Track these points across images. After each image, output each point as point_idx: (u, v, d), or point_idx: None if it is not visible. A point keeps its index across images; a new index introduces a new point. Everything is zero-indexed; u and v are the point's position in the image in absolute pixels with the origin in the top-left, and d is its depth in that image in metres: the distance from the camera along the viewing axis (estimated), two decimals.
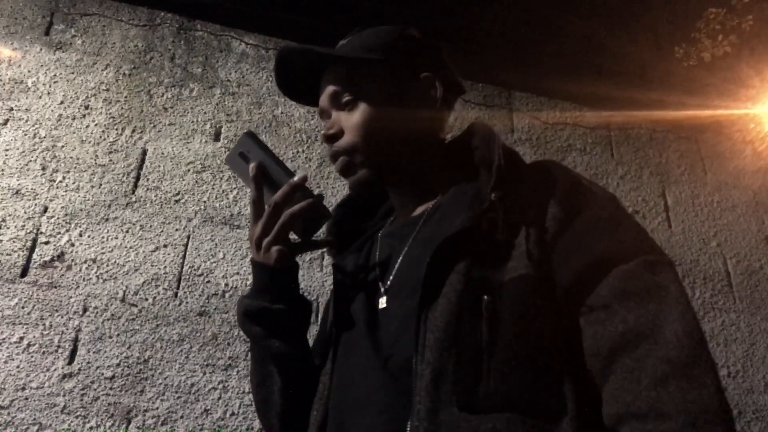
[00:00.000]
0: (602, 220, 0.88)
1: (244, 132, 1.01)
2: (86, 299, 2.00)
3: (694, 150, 3.00)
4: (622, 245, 0.85)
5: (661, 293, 0.80)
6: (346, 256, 1.12)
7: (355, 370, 0.93)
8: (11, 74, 2.28)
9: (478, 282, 0.84)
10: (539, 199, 0.90)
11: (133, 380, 1.92)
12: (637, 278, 0.81)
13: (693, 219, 2.77)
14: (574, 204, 0.89)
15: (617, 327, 0.78)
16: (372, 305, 0.97)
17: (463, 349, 0.79)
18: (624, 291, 0.80)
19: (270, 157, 0.98)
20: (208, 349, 2.02)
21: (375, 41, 1.04)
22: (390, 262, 1.01)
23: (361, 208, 1.21)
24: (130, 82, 2.41)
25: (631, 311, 0.79)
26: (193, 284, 2.11)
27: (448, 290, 0.83)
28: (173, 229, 2.18)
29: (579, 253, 0.85)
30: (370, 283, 1.02)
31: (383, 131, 1.01)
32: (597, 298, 0.81)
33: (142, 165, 2.27)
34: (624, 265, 0.82)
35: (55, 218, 2.09)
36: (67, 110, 2.29)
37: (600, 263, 0.83)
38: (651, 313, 0.78)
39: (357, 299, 1.01)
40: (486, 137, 1.02)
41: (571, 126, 2.88)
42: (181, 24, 2.58)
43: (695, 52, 2.96)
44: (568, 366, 0.80)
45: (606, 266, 0.83)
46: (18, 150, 2.17)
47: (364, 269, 1.06)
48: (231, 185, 2.31)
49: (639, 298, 0.79)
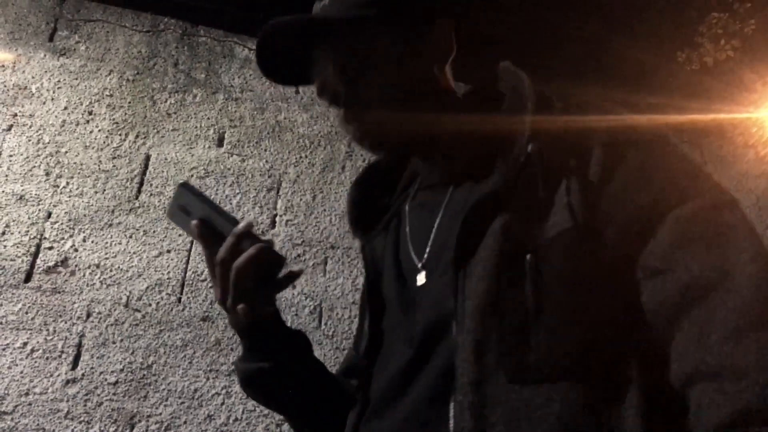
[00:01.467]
0: (652, 160, 0.78)
1: (179, 184, 0.93)
2: (90, 305, 2.00)
3: (697, 154, 2.99)
4: (677, 186, 0.76)
5: (728, 235, 0.71)
6: (373, 238, 1.03)
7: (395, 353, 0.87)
8: (15, 80, 2.29)
9: (517, 242, 0.76)
10: (580, 143, 0.81)
11: (136, 386, 1.92)
12: (699, 221, 0.72)
13: None
14: (618, 146, 0.80)
15: (681, 278, 0.69)
16: (409, 284, 0.91)
17: (507, 315, 0.72)
18: (684, 236, 0.71)
19: (210, 207, 0.91)
20: (211, 355, 2.02)
21: None
22: (423, 236, 0.92)
23: (379, 182, 1.10)
24: (133, 88, 2.41)
25: (695, 258, 0.70)
26: (196, 289, 2.11)
27: (486, 253, 0.76)
28: (176, 235, 2.18)
29: (629, 199, 0.75)
30: (405, 260, 0.94)
31: (407, 94, 0.90)
32: (654, 247, 0.72)
33: (145, 170, 2.27)
34: (681, 207, 0.73)
35: (59, 224, 2.10)
36: (70, 116, 2.29)
37: (654, 207, 0.74)
38: (718, 259, 0.69)
39: (393, 280, 0.93)
40: (514, 82, 0.92)
41: None
42: (185, 30, 2.59)
43: (698, 57, 2.96)
44: (626, 327, 0.72)
45: (661, 210, 0.73)
46: (22, 156, 2.17)
47: (395, 247, 0.97)
48: (234, 190, 2.32)
49: (703, 242, 0.71)
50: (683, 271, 0.69)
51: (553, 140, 0.81)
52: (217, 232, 0.89)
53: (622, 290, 0.72)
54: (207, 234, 0.89)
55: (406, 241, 0.95)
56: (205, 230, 0.89)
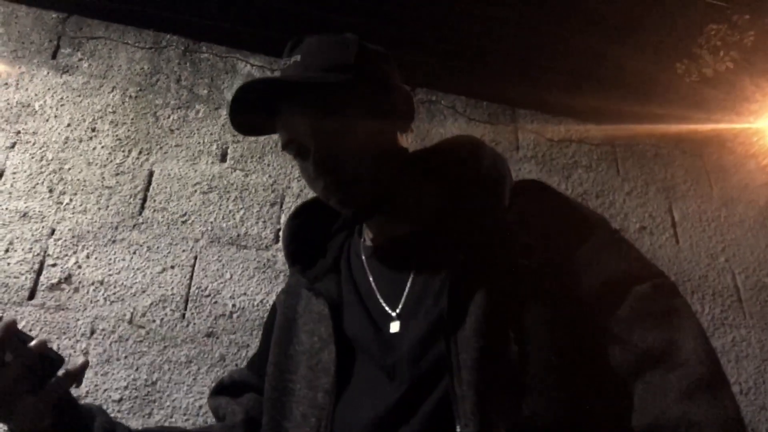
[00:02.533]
0: (607, 240, 0.94)
1: None
2: (94, 321, 1.99)
3: (699, 165, 3.00)
4: (631, 266, 0.91)
5: (675, 315, 0.85)
6: (321, 276, 1.06)
7: (366, 393, 0.90)
8: (18, 97, 2.30)
9: (501, 303, 0.84)
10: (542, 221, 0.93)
11: (141, 403, 1.91)
12: (652, 300, 0.87)
13: (701, 234, 2.77)
14: (577, 226, 0.94)
15: (638, 346, 0.83)
16: (379, 329, 0.94)
17: (500, 370, 0.79)
18: (641, 312, 0.85)
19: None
20: (216, 371, 2.00)
21: (337, 58, 0.95)
22: (393, 286, 0.97)
23: (314, 220, 1.15)
24: (136, 105, 2.42)
25: (650, 332, 0.83)
26: (200, 305, 2.10)
27: (475, 310, 0.83)
28: (180, 250, 2.17)
29: (593, 273, 0.89)
30: (373, 307, 0.98)
31: (377, 157, 0.96)
32: (618, 319, 0.86)
33: (148, 186, 2.27)
34: (639, 287, 0.87)
35: (63, 240, 2.09)
36: (74, 133, 2.29)
37: (616, 283, 0.88)
38: (668, 334, 0.83)
39: (364, 324, 0.96)
40: (492, 156, 1.01)
41: (576, 143, 2.89)
42: (187, 46, 2.60)
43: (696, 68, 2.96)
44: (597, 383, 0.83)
45: (623, 287, 0.88)
46: (25, 173, 2.17)
47: (356, 291, 1.01)
48: (237, 206, 2.31)
49: (655, 319, 0.84)
50: (640, 341, 0.83)
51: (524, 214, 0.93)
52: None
53: (592, 351, 0.84)
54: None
55: (371, 288, 1.00)
56: None
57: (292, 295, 1.09)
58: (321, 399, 0.91)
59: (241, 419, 1.07)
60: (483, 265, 0.87)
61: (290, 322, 1.04)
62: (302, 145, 0.96)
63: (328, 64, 0.95)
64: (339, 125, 0.93)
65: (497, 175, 0.98)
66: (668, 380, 0.79)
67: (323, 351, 0.96)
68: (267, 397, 0.99)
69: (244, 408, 1.09)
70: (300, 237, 1.13)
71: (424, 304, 0.90)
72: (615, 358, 0.83)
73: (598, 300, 0.87)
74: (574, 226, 0.93)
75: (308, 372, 0.96)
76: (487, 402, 0.77)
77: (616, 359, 0.83)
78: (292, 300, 1.08)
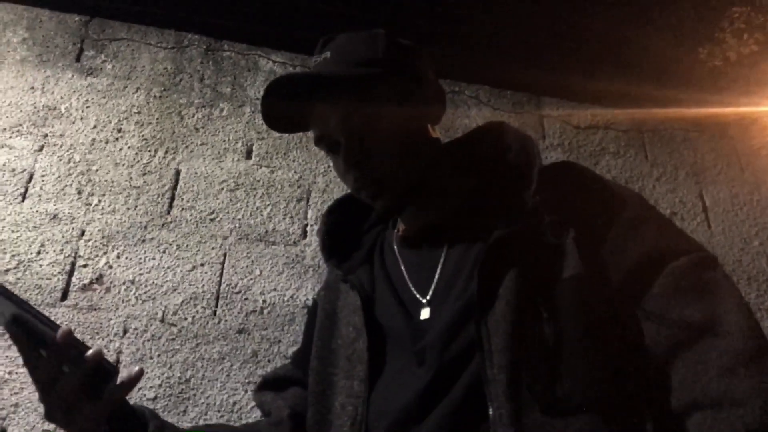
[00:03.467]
0: (643, 216, 0.91)
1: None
2: (126, 320, 1.99)
3: (729, 148, 2.94)
4: (669, 242, 0.87)
5: (715, 288, 0.82)
6: (354, 268, 1.08)
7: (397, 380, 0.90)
8: (45, 101, 2.31)
9: (533, 283, 0.83)
10: (572, 200, 0.91)
11: (175, 400, 1.91)
12: (690, 275, 0.83)
13: (733, 218, 2.72)
14: (609, 203, 0.91)
15: (676, 322, 0.80)
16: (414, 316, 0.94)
17: (532, 352, 0.78)
18: (679, 288, 0.82)
19: (21, 307, 0.78)
20: (248, 367, 2.00)
21: (366, 55, 0.97)
22: (423, 273, 0.98)
23: (350, 214, 1.16)
24: (160, 104, 2.42)
25: (688, 306, 0.80)
26: (231, 302, 2.10)
27: (505, 293, 0.82)
28: (209, 248, 2.17)
29: (628, 250, 0.86)
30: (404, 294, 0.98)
31: (407, 149, 0.97)
32: (653, 296, 0.83)
33: (176, 185, 2.28)
34: (675, 262, 0.84)
35: (93, 241, 2.10)
36: (100, 134, 2.31)
37: (652, 261, 0.85)
38: (708, 308, 0.80)
39: (395, 312, 0.97)
40: (521, 140, 1.00)
41: (603, 129, 2.85)
42: (209, 45, 2.60)
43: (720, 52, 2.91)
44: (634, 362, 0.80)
45: (658, 264, 0.84)
46: (54, 175, 2.18)
47: (388, 280, 1.02)
48: (264, 202, 2.31)
49: (695, 293, 0.81)
50: (678, 317, 0.80)
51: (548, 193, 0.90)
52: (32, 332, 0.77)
53: (627, 329, 0.82)
54: (21, 336, 0.78)
55: (403, 276, 1.00)
56: (18, 332, 0.78)
57: (332, 290, 1.09)
58: (356, 387, 0.92)
59: (287, 414, 1.07)
60: (513, 247, 0.86)
61: (331, 316, 1.05)
62: (333, 139, 0.97)
63: (357, 59, 0.96)
64: (368, 119, 0.95)
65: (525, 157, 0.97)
66: (709, 356, 0.76)
67: (358, 341, 0.96)
68: (311, 391, 1.00)
69: (289, 403, 1.09)
70: (336, 232, 1.14)
71: (454, 289, 0.90)
72: (651, 336, 0.81)
73: (635, 276, 0.84)
74: (608, 203, 0.91)
75: (345, 362, 0.97)
76: (520, 384, 0.76)
77: (652, 336, 0.81)
78: (332, 295, 1.08)
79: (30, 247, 2.04)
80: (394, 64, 0.97)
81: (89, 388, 0.80)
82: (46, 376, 0.79)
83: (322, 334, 1.04)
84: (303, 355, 1.11)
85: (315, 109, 0.98)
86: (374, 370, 0.93)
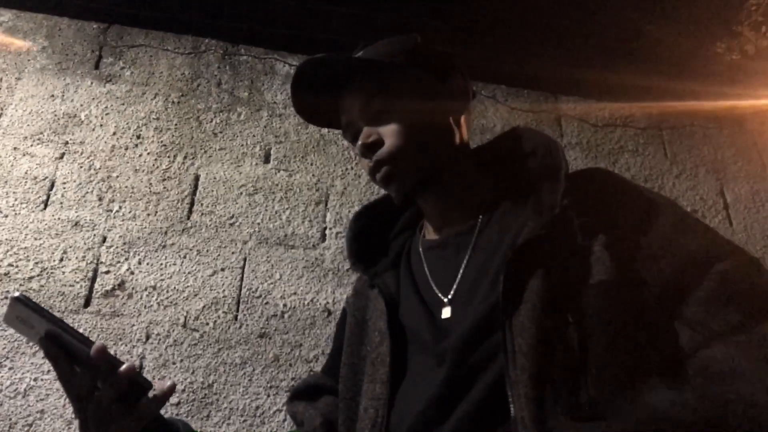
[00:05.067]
0: (681, 221, 0.88)
1: (12, 297, 0.78)
2: (148, 326, 2.01)
3: (750, 144, 2.91)
4: (711, 246, 0.85)
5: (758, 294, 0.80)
6: (381, 273, 1.09)
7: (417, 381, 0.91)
8: (65, 109, 2.33)
9: (560, 287, 0.82)
10: (604, 205, 0.90)
11: (198, 405, 1.92)
12: (737, 278, 0.81)
13: (755, 216, 2.69)
14: (644, 209, 0.89)
15: (721, 327, 0.77)
16: (432, 316, 0.95)
17: (557, 355, 0.77)
18: (725, 290, 0.79)
19: (53, 322, 0.79)
20: (270, 371, 2.01)
21: (395, 49, 1.02)
22: (446, 273, 0.98)
23: (377, 220, 1.19)
24: (179, 110, 2.44)
25: (728, 312, 0.78)
26: (252, 306, 2.11)
27: (531, 295, 0.81)
28: (229, 253, 2.18)
29: (670, 253, 0.84)
30: (427, 295, 0.99)
31: (424, 136, 0.99)
32: (697, 299, 0.80)
33: (195, 190, 2.29)
34: (718, 265, 0.82)
35: (114, 248, 2.12)
36: (119, 141, 2.32)
37: (696, 264, 0.82)
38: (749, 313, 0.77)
39: (419, 313, 0.97)
40: (546, 143, 1.01)
41: (621, 127, 2.83)
42: (226, 50, 2.61)
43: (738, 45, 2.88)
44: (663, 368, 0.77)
45: (702, 267, 0.82)
46: (75, 182, 2.20)
47: (413, 282, 1.03)
48: (283, 206, 2.32)
49: (740, 298, 0.79)
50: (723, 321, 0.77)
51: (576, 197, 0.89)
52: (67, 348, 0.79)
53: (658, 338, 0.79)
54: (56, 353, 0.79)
55: (426, 277, 1.01)
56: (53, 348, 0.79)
57: (361, 297, 1.10)
58: (378, 390, 0.93)
59: (319, 423, 1.07)
60: (540, 250, 0.85)
61: (360, 323, 1.06)
62: (355, 126, 1.01)
63: (385, 52, 1.01)
64: (387, 104, 0.98)
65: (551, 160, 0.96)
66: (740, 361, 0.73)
67: (382, 344, 0.97)
68: (341, 398, 1.00)
69: (321, 412, 1.09)
70: (363, 237, 1.15)
71: (479, 289, 0.90)
72: (684, 342, 0.78)
73: (677, 281, 0.82)
74: (643, 210, 0.90)
75: (370, 367, 0.97)
76: (543, 387, 0.75)
77: (685, 342, 0.78)
78: (361, 302, 1.09)
79: (53, 255, 2.06)
80: (419, 58, 1.01)
81: (123, 403, 0.81)
82: (82, 391, 0.80)
83: (352, 341, 1.04)
84: (333, 363, 1.12)
85: (343, 101, 1.02)
86: (397, 372, 0.93)
